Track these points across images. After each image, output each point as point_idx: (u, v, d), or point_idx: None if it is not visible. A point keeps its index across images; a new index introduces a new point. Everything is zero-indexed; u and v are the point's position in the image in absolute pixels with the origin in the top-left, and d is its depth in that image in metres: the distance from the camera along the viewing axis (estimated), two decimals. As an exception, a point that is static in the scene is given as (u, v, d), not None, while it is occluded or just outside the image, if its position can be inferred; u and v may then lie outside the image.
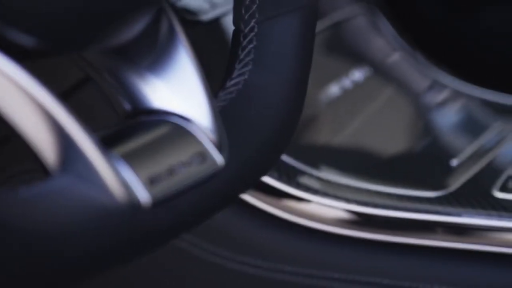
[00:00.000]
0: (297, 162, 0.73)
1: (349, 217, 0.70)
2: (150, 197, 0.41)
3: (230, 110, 0.50)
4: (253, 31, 0.52)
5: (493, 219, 0.67)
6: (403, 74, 0.87)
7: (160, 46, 0.45)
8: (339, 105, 0.80)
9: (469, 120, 0.83)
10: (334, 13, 0.86)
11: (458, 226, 0.68)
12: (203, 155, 0.44)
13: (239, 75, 0.52)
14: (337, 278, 0.70)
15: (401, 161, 0.76)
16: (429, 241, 0.69)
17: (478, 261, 0.68)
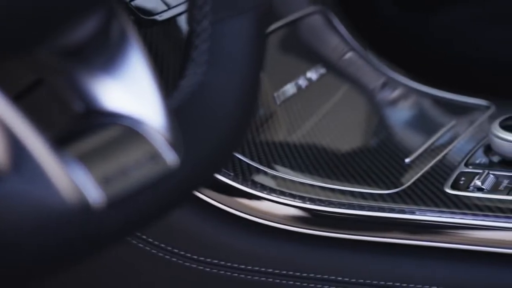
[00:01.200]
0: (252, 161, 0.73)
1: (303, 214, 0.71)
2: (102, 197, 0.41)
3: (184, 110, 0.50)
4: (206, 31, 0.52)
5: (445, 216, 0.68)
6: (357, 72, 0.88)
7: (112, 46, 0.46)
8: (295, 104, 0.81)
9: (422, 118, 0.85)
10: (289, 12, 0.87)
11: (411, 223, 0.69)
12: (155, 155, 0.45)
13: (192, 75, 0.52)
14: (291, 275, 0.71)
15: (355, 159, 0.77)
16: (382, 238, 0.70)
17: (430, 257, 0.69)
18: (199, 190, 0.71)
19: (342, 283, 0.70)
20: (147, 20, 0.74)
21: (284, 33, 0.85)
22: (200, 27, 0.52)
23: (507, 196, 0.68)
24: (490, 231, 0.66)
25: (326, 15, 0.90)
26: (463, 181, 0.71)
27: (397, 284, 0.69)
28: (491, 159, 0.74)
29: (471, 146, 0.77)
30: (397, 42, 1.13)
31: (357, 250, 0.70)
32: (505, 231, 0.66)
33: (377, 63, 0.89)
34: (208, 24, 0.52)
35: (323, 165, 0.75)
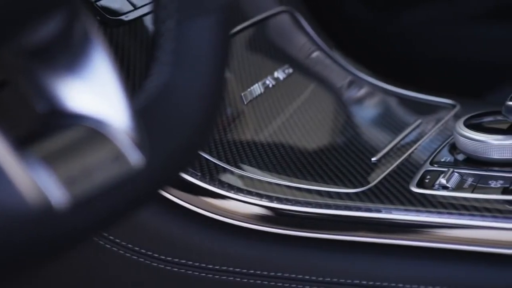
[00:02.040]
0: (220, 161, 0.74)
1: (270, 214, 0.71)
2: (66, 198, 0.41)
3: (149, 110, 0.50)
4: (171, 31, 0.52)
5: (410, 215, 0.69)
6: (323, 71, 0.88)
7: (76, 46, 0.46)
8: (262, 103, 0.81)
9: (388, 117, 0.85)
10: (256, 12, 0.87)
11: (377, 221, 0.69)
12: (119, 155, 0.45)
13: (157, 75, 0.52)
14: (259, 274, 0.71)
15: (322, 158, 0.77)
16: (349, 236, 0.70)
17: (396, 255, 0.69)
18: (167, 190, 0.71)
19: (310, 281, 0.70)
20: (113, 20, 0.74)
21: (251, 33, 0.85)
22: (164, 27, 0.52)
23: (472, 194, 0.69)
24: (455, 229, 0.67)
25: (293, 15, 0.90)
26: (429, 180, 0.71)
27: (364, 283, 0.69)
28: (456, 158, 0.74)
29: (436, 144, 0.78)
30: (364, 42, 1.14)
31: (324, 249, 0.70)
32: (469, 229, 0.67)
33: (343, 62, 0.90)
34: (172, 24, 0.52)
35: (290, 164, 0.76)
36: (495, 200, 0.68)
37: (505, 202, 0.67)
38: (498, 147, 0.71)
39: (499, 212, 0.66)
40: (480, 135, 0.72)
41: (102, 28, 0.73)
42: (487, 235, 0.66)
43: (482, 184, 0.70)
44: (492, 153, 0.72)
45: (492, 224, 0.66)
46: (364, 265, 0.69)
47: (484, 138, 0.72)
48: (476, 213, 0.67)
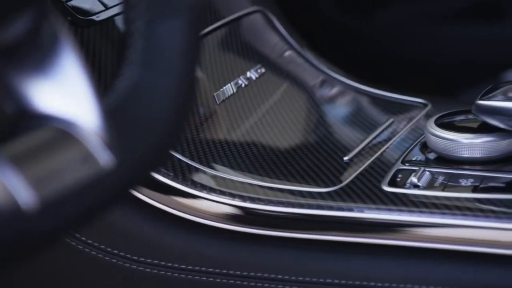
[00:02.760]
0: (192, 161, 0.74)
1: (243, 214, 0.71)
2: (34, 199, 0.41)
3: (119, 110, 0.50)
4: (140, 31, 0.52)
5: (382, 213, 0.69)
6: (296, 70, 0.89)
7: (44, 47, 0.45)
8: (234, 103, 0.81)
9: (360, 116, 0.85)
10: (229, 12, 0.87)
11: (349, 220, 0.70)
12: (88, 156, 0.45)
13: (128, 75, 0.52)
14: (232, 274, 0.71)
15: (294, 157, 0.77)
16: (321, 235, 0.70)
17: (368, 254, 0.69)
18: (139, 190, 0.71)
19: (283, 281, 0.71)
20: (84, 21, 0.74)
21: (224, 33, 0.85)
22: (134, 27, 0.52)
23: (442, 193, 0.69)
24: (426, 228, 0.67)
25: (265, 14, 0.91)
26: (400, 179, 0.72)
27: (336, 281, 0.70)
28: (427, 157, 0.75)
29: (408, 143, 0.78)
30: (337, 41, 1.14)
31: (296, 248, 0.71)
32: (439, 228, 0.67)
33: (316, 62, 0.90)
34: (142, 24, 0.52)
35: (263, 164, 0.76)
36: (465, 199, 0.68)
37: (475, 200, 0.68)
38: (468, 146, 0.72)
39: (469, 210, 0.67)
40: (450, 134, 0.73)
41: (73, 28, 0.72)
42: (457, 233, 0.67)
43: (452, 182, 0.70)
44: (462, 151, 0.72)
45: (462, 222, 0.66)
46: (336, 264, 0.70)
47: (455, 137, 0.72)
48: (446, 212, 0.67)
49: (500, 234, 0.66)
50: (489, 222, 0.66)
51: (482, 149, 0.72)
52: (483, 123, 0.72)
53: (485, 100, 0.71)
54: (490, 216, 0.66)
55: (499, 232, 0.66)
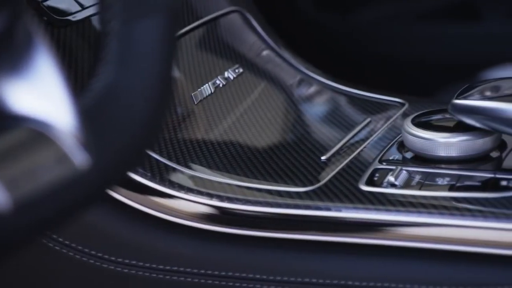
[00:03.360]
0: (170, 161, 0.74)
1: (221, 214, 0.71)
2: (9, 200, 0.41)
3: (95, 110, 0.50)
4: (116, 31, 0.52)
5: (359, 212, 0.69)
6: (273, 70, 0.89)
7: (18, 47, 0.45)
8: (212, 103, 0.81)
9: (338, 115, 0.86)
10: (206, 12, 0.87)
11: (327, 220, 0.70)
12: (63, 157, 0.45)
13: (103, 75, 0.52)
14: (210, 274, 0.71)
15: (272, 157, 0.77)
16: (299, 235, 0.70)
17: (346, 253, 0.69)
18: (117, 191, 0.71)
19: (261, 280, 0.71)
20: (60, 21, 0.74)
21: (202, 32, 0.85)
22: (109, 27, 0.52)
23: (419, 192, 0.69)
24: (403, 227, 0.68)
25: (243, 14, 0.91)
26: (377, 178, 0.72)
27: (314, 280, 0.70)
28: (404, 156, 0.75)
29: (385, 143, 0.78)
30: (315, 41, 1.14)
31: (274, 248, 0.71)
32: (416, 227, 0.67)
33: (293, 61, 0.90)
34: (117, 24, 0.52)
35: (241, 164, 0.76)
36: (442, 197, 0.68)
37: (451, 199, 0.68)
38: (445, 145, 0.72)
39: (446, 209, 0.67)
40: (427, 133, 0.73)
41: (49, 28, 0.72)
42: (434, 232, 0.67)
43: (429, 181, 0.71)
44: (439, 151, 0.72)
45: (438, 221, 0.67)
46: (314, 263, 0.70)
47: (431, 136, 0.73)
48: (423, 210, 0.67)
49: (476, 233, 0.66)
50: (465, 220, 0.66)
51: (459, 148, 0.72)
52: (460, 122, 0.72)
53: (460, 100, 0.71)
54: (466, 215, 0.66)
55: (474, 230, 0.66)
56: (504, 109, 0.69)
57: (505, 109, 0.69)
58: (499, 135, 0.73)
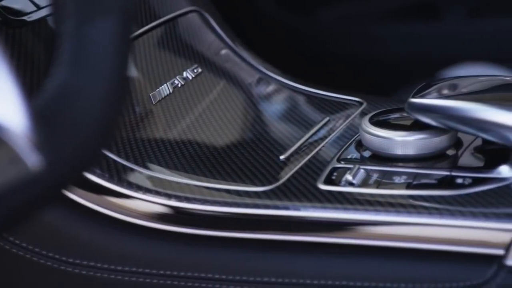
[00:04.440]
0: (128, 161, 0.73)
1: (179, 214, 0.71)
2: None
3: (49, 110, 0.50)
4: (70, 31, 0.52)
5: (318, 211, 0.69)
6: (232, 69, 0.89)
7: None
8: (171, 103, 0.81)
9: (297, 115, 0.86)
10: (165, 11, 0.87)
11: (285, 219, 0.70)
12: (15, 158, 0.44)
13: (57, 75, 0.52)
14: (168, 274, 0.71)
15: (231, 156, 0.77)
16: (258, 234, 0.70)
17: (305, 252, 0.70)
18: (74, 192, 0.70)
19: (220, 280, 0.71)
20: (15, 21, 0.73)
21: (160, 32, 0.85)
22: (63, 27, 0.52)
23: (376, 190, 0.70)
24: (360, 225, 0.68)
25: (201, 14, 0.91)
26: (335, 177, 0.72)
27: (273, 280, 0.70)
28: (362, 154, 0.75)
29: (343, 142, 0.79)
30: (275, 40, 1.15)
31: (233, 248, 0.71)
32: (374, 225, 0.68)
33: (252, 61, 0.90)
34: (71, 24, 0.52)
35: (199, 164, 0.76)
36: (399, 196, 0.69)
37: (408, 197, 0.69)
38: (402, 144, 0.73)
39: (403, 207, 0.67)
40: (384, 132, 0.73)
41: (4, 28, 0.72)
42: (391, 230, 0.67)
43: (386, 180, 0.71)
44: (396, 149, 0.73)
45: (395, 219, 0.67)
46: (273, 263, 0.70)
47: (388, 134, 0.73)
48: (380, 209, 0.68)
49: (432, 230, 0.67)
50: (422, 218, 0.67)
51: (415, 147, 0.72)
52: (417, 121, 0.73)
53: (416, 98, 0.72)
54: (423, 213, 0.67)
55: (431, 228, 0.67)
56: (460, 107, 0.70)
57: (461, 107, 0.70)
58: (455, 133, 0.73)
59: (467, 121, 0.70)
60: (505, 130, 0.69)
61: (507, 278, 0.65)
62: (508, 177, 0.69)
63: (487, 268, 0.65)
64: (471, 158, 0.73)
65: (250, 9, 1.17)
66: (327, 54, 1.13)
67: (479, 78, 0.76)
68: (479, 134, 0.71)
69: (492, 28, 1.20)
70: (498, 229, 0.65)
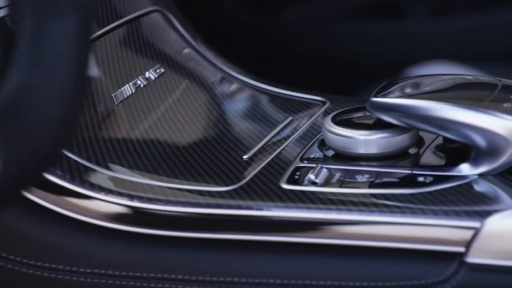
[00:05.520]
0: (89, 162, 0.73)
1: (141, 214, 0.70)
2: None
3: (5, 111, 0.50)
4: (27, 32, 0.52)
5: (281, 211, 0.69)
6: (195, 68, 0.88)
7: None
8: (133, 104, 0.81)
9: (260, 114, 0.86)
10: (127, 11, 0.86)
11: (248, 219, 0.70)
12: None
13: (14, 75, 0.51)
14: (131, 275, 0.71)
15: (194, 156, 0.77)
16: (221, 234, 0.70)
17: (268, 252, 0.70)
18: (34, 193, 0.70)
19: (183, 281, 0.70)
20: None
21: (122, 32, 0.85)
22: (20, 27, 0.51)
23: (339, 189, 0.70)
24: (323, 225, 0.68)
25: (164, 14, 0.90)
26: (298, 176, 0.72)
27: (236, 280, 0.70)
28: (325, 154, 0.75)
29: (307, 141, 0.79)
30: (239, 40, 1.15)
31: (196, 248, 0.71)
32: (337, 224, 0.68)
33: (215, 60, 0.90)
34: (28, 24, 0.52)
35: (162, 164, 0.75)
36: (361, 194, 0.69)
37: (370, 195, 0.69)
38: (364, 142, 0.73)
39: (365, 206, 0.68)
40: (347, 131, 0.73)
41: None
42: (353, 229, 0.67)
43: (349, 179, 0.71)
44: (358, 148, 0.73)
45: (357, 218, 0.67)
46: (236, 263, 0.70)
47: (351, 134, 0.73)
48: (343, 208, 0.68)
49: (394, 229, 0.67)
50: (384, 217, 0.67)
51: (377, 146, 0.73)
52: (379, 120, 0.73)
53: (378, 97, 0.72)
54: (385, 211, 0.67)
55: (392, 226, 0.67)
56: (421, 106, 0.70)
57: (422, 106, 0.70)
58: (417, 131, 0.74)
59: (428, 119, 0.70)
60: (466, 129, 0.69)
61: (468, 275, 0.66)
62: (469, 175, 0.70)
63: (448, 265, 0.66)
64: (433, 157, 0.73)
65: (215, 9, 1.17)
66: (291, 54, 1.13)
67: (441, 77, 0.77)
68: (440, 132, 0.71)
69: (455, 26, 1.21)
70: (459, 227, 0.66)
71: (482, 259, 0.65)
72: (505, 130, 0.69)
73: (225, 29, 1.14)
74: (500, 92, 0.72)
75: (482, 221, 0.65)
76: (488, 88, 0.73)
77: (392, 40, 1.16)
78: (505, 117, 0.69)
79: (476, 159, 0.70)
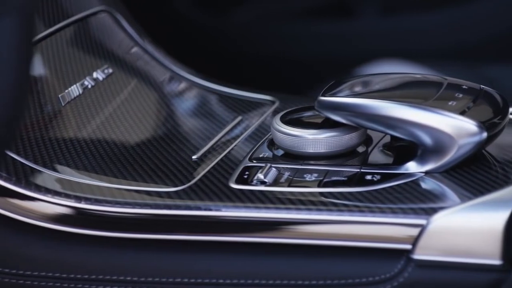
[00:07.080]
0: (36, 164, 0.72)
1: (89, 216, 0.70)
2: None
3: None
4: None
5: (229, 211, 0.69)
6: (143, 70, 0.88)
7: None
8: (80, 104, 0.80)
9: (209, 114, 0.86)
10: (75, 11, 0.86)
11: (197, 219, 0.69)
12: None
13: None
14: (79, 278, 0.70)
15: (142, 157, 0.76)
16: (170, 235, 0.70)
17: (217, 252, 0.69)
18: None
19: (131, 282, 0.70)
20: None
21: (69, 32, 0.84)
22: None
23: (288, 188, 0.70)
24: (272, 224, 0.68)
25: (112, 14, 0.90)
26: (247, 176, 0.72)
27: (185, 280, 0.70)
28: (274, 153, 0.75)
29: (256, 141, 0.79)
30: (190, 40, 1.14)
31: (145, 249, 0.70)
32: (286, 224, 0.68)
33: (164, 60, 0.90)
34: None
35: (110, 165, 0.75)
36: (310, 193, 0.69)
37: (319, 194, 0.69)
38: (313, 141, 0.73)
39: (313, 205, 0.68)
40: (295, 130, 0.74)
41: None
42: (301, 228, 0.67)
43: (298, 177, 0.71)
44: (307, 147, 0.73)
45: (306, 217, 0.67)
46: (184, 263, 0.70)
47: (299, 133, 0.73)
48: (291, 207, 0.68)
49: (342, 227, 0.67)
50: (332, 215, 0.67)
51: (326, 144, 0.73)
52: (327, 119, 0.73)
53: (326, 96, 0.72)
54: (333, 210, 0.67)
55: (340, 225, 0.67)
56: (368, 105, 0.70)
57: (369, 105, 0.70)
58: (365, 130, 0.74)
59: (375, 118, 0.70)
60: (412, 127, 0.70)
61: (415, 272, 0.66)
62: (415, 173, 0.70)
63: (395, 262, 0.66)
64: (380, 155, 0.74)
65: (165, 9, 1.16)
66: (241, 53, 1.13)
67: (390, 75, 0.77)
68: (387, 131, 0.71)
69: (406, 25, 1.22)
70: (406, 224, 0.66)
71: (428, 256, 0.66)
72: (450, 128, 0.69)
73: (175, 28, 1.14)
74: (445, 90, 0.73)
75: (428, 218, 0.66)
76: (434, 87, 0.73)
77: (342, 40, 1.16)
78: (450, 115, 0.69)
79: (423, 157, 0.70)
